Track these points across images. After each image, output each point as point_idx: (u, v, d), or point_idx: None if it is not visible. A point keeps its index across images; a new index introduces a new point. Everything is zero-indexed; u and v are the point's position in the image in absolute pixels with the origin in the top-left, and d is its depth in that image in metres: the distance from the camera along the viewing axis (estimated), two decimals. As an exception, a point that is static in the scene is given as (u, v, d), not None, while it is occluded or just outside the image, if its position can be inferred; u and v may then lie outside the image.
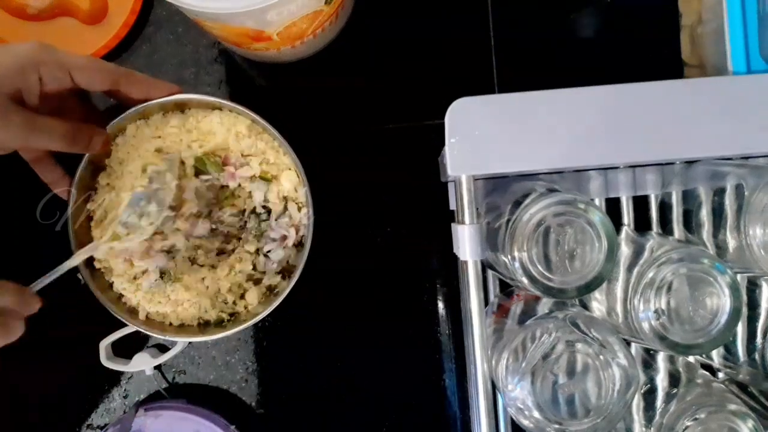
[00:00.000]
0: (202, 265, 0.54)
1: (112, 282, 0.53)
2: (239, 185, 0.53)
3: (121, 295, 0.53)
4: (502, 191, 0.47)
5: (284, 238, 0.53)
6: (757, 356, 0.44)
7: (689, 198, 0.48)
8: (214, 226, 0.53)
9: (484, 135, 0.44)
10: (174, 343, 0.58)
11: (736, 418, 0.40)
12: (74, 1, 0.57)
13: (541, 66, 0.59)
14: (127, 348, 0.60)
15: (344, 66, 0.59)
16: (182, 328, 0.53)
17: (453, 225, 0.47)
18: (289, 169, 0.53)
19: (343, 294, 0.59)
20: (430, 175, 0.58)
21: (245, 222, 0.54)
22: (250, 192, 0.53)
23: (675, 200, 0.49)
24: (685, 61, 0.58)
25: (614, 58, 0.59)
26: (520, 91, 0.44)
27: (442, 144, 0.44)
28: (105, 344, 0.58)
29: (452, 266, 0.59)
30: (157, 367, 0.59)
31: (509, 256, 0.39)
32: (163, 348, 0.59)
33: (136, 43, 0.59)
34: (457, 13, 0.59)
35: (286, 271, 0.54)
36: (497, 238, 0.42)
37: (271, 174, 0.53)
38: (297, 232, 0.53)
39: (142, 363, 0.58)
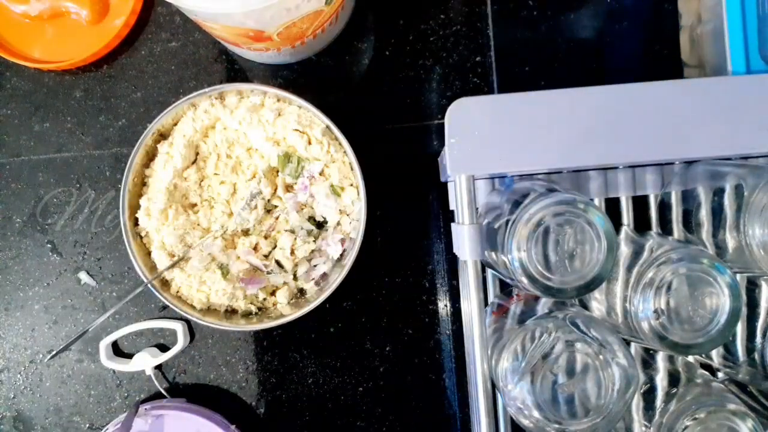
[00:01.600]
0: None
1: (150, 251, 0.54)
2: (310, 195, 0.53)
3: (155, 265, 0.54)
4: (502, 191, 0.47)
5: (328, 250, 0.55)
6: (756, 356, 0.44)
7: (689, 198, 0.48)
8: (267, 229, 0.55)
9: (483, 135, 0.44)
10: (174, 343, 0.58)
11: (735, 417, 0.40)
12: (75, 2, 0.57)
13: (541, 66, 0.59)
14: (127, 348, 0.60)
15: (344, 66, 0.59)
16: (209, 311, 0.54)
17: (453, 225, 0.47)
18: (352, 185, 0.53)
19: (343, 294, 0.59)
20: (430, 174, 0.58)
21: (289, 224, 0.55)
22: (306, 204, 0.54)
23: (674, 200, 0.49)
24: (684, 61, 0.58)
25: (614, 58, 0.59)
26: (520, 91, 0.44)
27: (442, 144, 0.44)
28: (105, 344, 0.58)
29: (452, 266, 0.59)
30: (158, 367, 0.59)
31: (509, 256, 0.39)
32: (163, 348, 0.59)
33: (136, 44, 0.59)
34: (457, 14, 0.59)
35: (318, 279, 0.55)
36: (497, 238, 0.42)
37: (340, 188, 0.53)
38: (342, 244, 0.53)
39: (142, 363, 0.58)
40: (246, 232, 0.54)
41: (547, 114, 0.44)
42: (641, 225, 0.51)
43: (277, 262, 0.55)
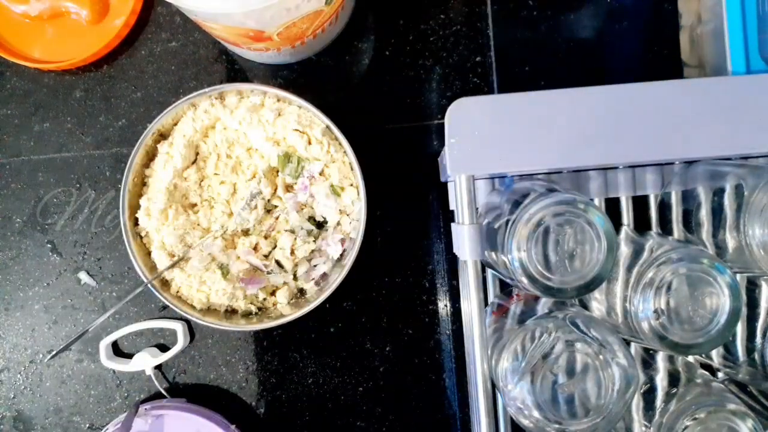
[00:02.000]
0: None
1: (150, 251, 0.54)
2: (310, 195, 0.53)
3: (155, 265, 0.54)
4: (502, 191, 0.47)
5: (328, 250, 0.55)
6: (756, 356, 0.44)
7: (689, 198, 0.48)
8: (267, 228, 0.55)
9: (483, 135, 0.44)
10: (174, 343, 0.58)
11: (735, 417, 0.40)
12: (75, 2, 0.57)
13: (541, 66, 0.59)
14: (127, 348, 0.60)
15: (344, 66, 0.59)
16: (209, 311, 0.54)
17: (453, 225, 0.47)
18: (352, 185, 0.53)
19: (343, 294, 0.59)
20: (430, 175, 0.58)
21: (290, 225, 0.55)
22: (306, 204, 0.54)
23: (674, 200, 0.49)
24: (684, 61, 0.58)
25: (614, 58, 0.59)
26: (520, 91, 0.44)
27: (442, 144, 0.44)
28: (105, 344, 0.58)
29: (452, 266, 0.59)
30: (158, 367, 0.59)
31: (509, 256, 0.39)
32: (163, 348, 0.59)
33: (136, 44, 0.59)
34: (457, 14, 0.59)
35: (318, 279, 0.55)
36: (497, 238, 0.42)
37: (340, 188, 0.53)
38: (342, 244, 0.53)
39: (142, 363, 0.58)
40: (246, 232, 0.54)
41: (547, 114, 0.44)
42: (641, 225, 0.51)
43: (277, 262, 0.55)
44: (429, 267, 0.59)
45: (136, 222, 0.54)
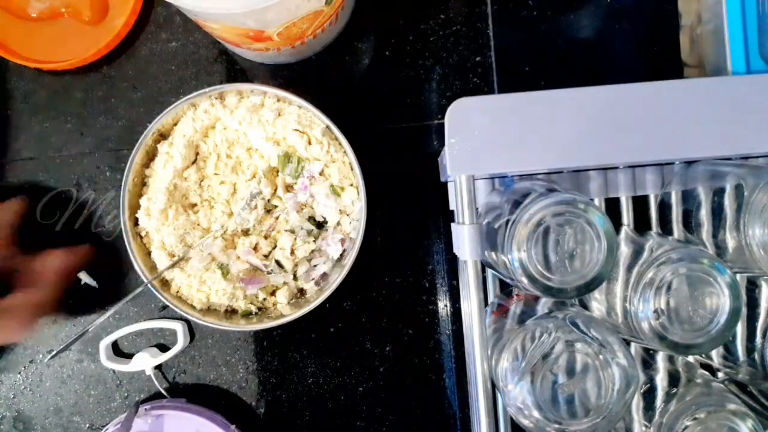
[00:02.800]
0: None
1: (150, 251, 0.54)
2: (310, 195, 0.53)
3: (155, 265, 0.54)
4: (502, 191, 0.47)
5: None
6: (756, 356, 0.44)
7: (689, 198, 0.48)
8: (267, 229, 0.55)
9: (483, 135, 0.44)
10: (174, 343, 0.58)
11: (735, 417, 0.40)
12: (75, 2, 0.57)
13: (541, 66, 0.59)
14: (127, 348, 0.60)
15: (344, 66, 0.59)
16: (209, 311, 0.54)
17: (453, 225, 0.47)
18: (352, 185, 0.53)
19: (343, 294, 0.59)
20: (430, 175, 0.58)
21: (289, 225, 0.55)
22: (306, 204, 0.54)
23: (674, 200, 0.49)
24: (684, 61, 0.58)
25: (614, 58, 0.59)
26: (520, 91, 0.44)
27: (442, 144, 0.44)
28: (105, 344, 0.58)
29: (452, 266, 0.59)
30: (158, 367, 0.59)
31: (509, 256, 0.39)
32: (163, 348, 0.59)
33: (137, 44, 0.59)
34: (457, 14, 0.59)
35: (318, 279, 0.55)
36: (497, 238, 0.42)
37: (340, 188, 0.53)
38: (342, 244, 0.53)
39: (142, 363, 0.58)
40: (246, 232, 0.54)
41: (547, 114, 0.44)
42: (641, 225, 0.51)
43: (277, 262, 0.55)
44: (429, 267, 0.59)
45: (136, 222, 0.54)
